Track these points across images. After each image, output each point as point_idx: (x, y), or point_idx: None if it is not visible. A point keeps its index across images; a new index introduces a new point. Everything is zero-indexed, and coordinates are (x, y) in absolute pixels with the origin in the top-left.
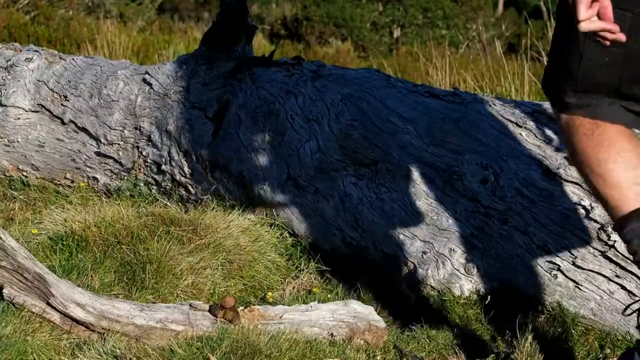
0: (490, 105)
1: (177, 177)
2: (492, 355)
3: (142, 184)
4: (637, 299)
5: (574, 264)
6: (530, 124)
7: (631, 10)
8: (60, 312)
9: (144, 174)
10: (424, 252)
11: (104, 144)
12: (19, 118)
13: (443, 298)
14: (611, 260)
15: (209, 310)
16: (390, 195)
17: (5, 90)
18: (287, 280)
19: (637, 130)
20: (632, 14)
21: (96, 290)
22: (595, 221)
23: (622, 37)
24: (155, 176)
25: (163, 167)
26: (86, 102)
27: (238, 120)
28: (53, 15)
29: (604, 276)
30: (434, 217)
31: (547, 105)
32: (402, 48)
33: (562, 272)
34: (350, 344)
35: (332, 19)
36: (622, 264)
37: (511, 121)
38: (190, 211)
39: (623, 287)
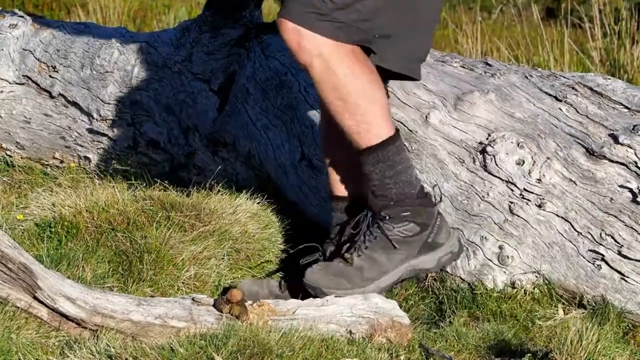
0: (527, 77)
1: (178, 157)
2: (529, 355)
3: (139, 165)
4: None
5: (619, 253)
6: (572, 98)
7: None
8: (48, 307)
9: (142, 153)
10: None
11: (96, 119)
12: (2, 91)
13: (474, 291)
14: None
15: (214, 305)
16: None
17: None
18: None
19: None
20: None
21: (88, 282)
22: None
23: None
24: (153, 156)
25: (162, 145)
26: (77, 74)
27: (246, 94)
28: None
29: None
30: (464, 201)
31: (590, 76)
32: None
33: (607, 263)
34: (371, 342)
35: None
36: None
37: (550, 95)
38: (193, 195)
39: None
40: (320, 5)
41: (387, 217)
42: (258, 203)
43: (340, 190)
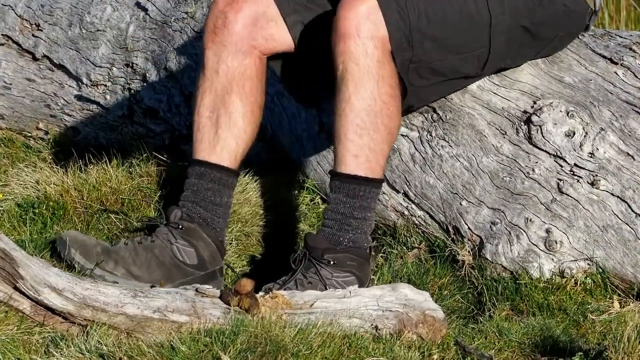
0: (578, 37)
1: (179, 128)
2: (580, 354)
3: (134, 136)
4: None
5: None
6: (629, 60)
7: None
8: (31, 299)
9: (138, 123)
10: (493, 223)
11: (86, 85)
12: None
13: (517, 281)
14: None
15: (220, 297)
16: (450, 151)
17: None
18: None
19: None
20: None
21: (76, 271)
22: None
23: None
24: (151, 126)
25: (161, 114)
26: (64, 32)
27: None
28: None
29: None
30: (506, 178)
31: None
32: None
33: None
34: (400, 339)
35: None
36: None
37: (604, 57)
38: None
39: None
40: (407, 16)
41: (331, 263)
42: (271, 181)
43: None
